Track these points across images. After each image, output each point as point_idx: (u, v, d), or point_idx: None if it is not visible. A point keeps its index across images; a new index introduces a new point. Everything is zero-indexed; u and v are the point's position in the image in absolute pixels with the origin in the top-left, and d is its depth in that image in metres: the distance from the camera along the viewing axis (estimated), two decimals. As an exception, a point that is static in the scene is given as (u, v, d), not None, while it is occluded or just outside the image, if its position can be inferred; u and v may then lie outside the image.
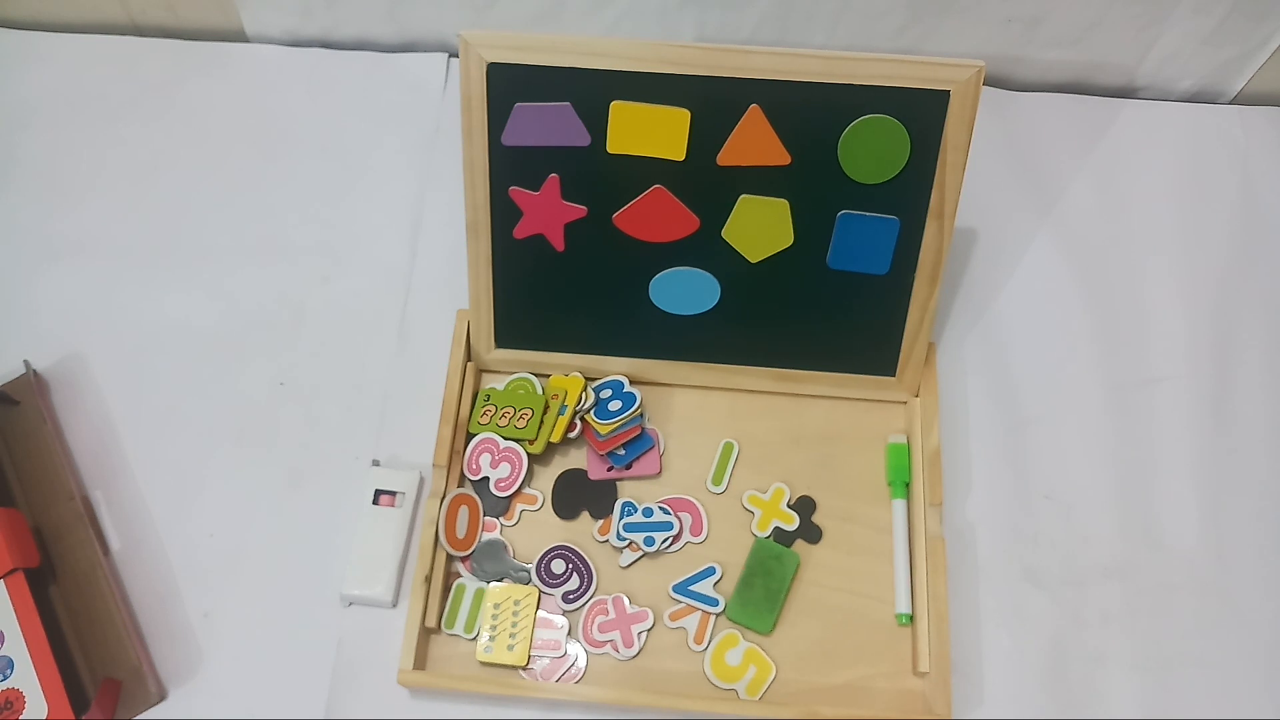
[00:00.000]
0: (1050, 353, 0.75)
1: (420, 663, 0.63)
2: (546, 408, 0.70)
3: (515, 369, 0.72)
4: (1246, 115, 0.85)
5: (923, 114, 0.60)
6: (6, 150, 0.82)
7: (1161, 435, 0.72)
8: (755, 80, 0.60)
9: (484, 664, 0.64)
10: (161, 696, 0.63)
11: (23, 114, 0.83)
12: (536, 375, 0.72)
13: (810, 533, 0.68)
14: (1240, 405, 0.73)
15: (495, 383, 0.72)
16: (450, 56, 0.87)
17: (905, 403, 0.72)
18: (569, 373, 0.71)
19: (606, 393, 0.70)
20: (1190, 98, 0.87)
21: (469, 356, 0.72)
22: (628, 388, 0.70)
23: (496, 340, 0.71)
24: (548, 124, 0.62)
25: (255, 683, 0.64)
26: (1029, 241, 0.79)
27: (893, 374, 0.70)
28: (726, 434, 0.71)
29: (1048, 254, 0.79)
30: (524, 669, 0.64)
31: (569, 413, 0.69)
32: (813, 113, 0.60)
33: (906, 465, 0.69)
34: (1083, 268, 0.78)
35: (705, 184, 0.63)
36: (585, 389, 0.70)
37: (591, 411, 0.69)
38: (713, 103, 0.61)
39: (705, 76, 0.60)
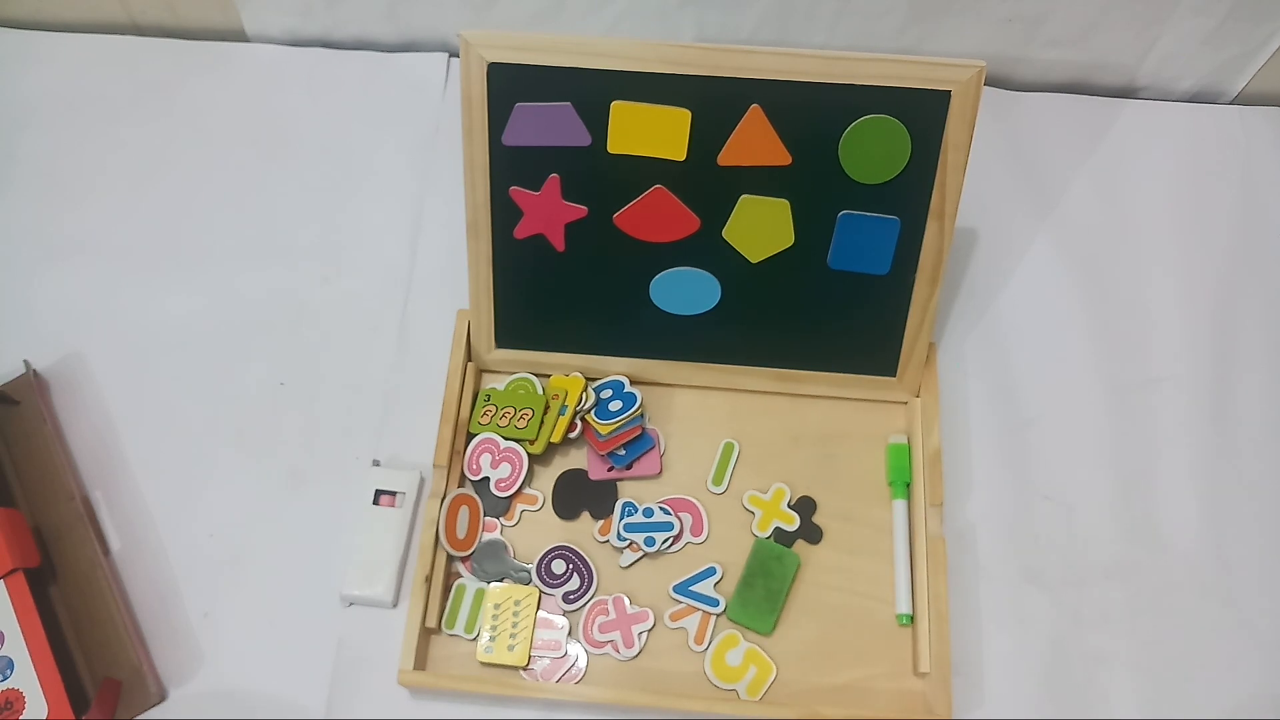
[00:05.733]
0: (1050, 353, 0.75)
1: (420, 663, 0.63)
2: (547, 408, 0.70)
3: (515, 369, 0.72)
4: (1246, 115, 0.85)
5: (924, 114, 0.60)
6: (6, 150, 0.82)
7: (1161, 435, 0.72)
8: (756, 80, 0.59)
9: (484, 664, 0.64)
10: (161, 696, 0.63)
11: (23, 114, 0.83)
12: (536, 375, 0.72)
13: (811, 533, 0.68)
14: (1240, 405, 0.73)
15: (495, 383, 0.72)
16: (450, 56, 0.87)
17: (906, 403, 0.72)
18: (569, 373, 0.71)
19: (607, 393, 0.70)
20: (1190, 98, 0.87)
21: (469, 356, 0.72)
22: (628, 388, 0.70)
23: (496, 340, 0.71)
24: (548, 124, 0.62)
25: (255, 683, 0.64)
26: (1029, 241, 0.79)
27: (893, 374, 0.70)
28: (726, 434, 0.71)
29: (1048, 254, 0.79)
30: (524, 669, 0.64)
31: (569, 413, 0.69)
32: (813, 113, 0.60)
33: (907, 465, 0.69)
34: (1083, 268, 0.78)
35: (706, 184, 0.63)
36: (585, 389, 0.70)
37: (592, 412, 0.69)
38: (713, 103, 0.60)
39: (706, 76, 0.59)
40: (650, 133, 0.62)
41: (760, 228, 0.65)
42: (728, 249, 0.66)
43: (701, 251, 0.66)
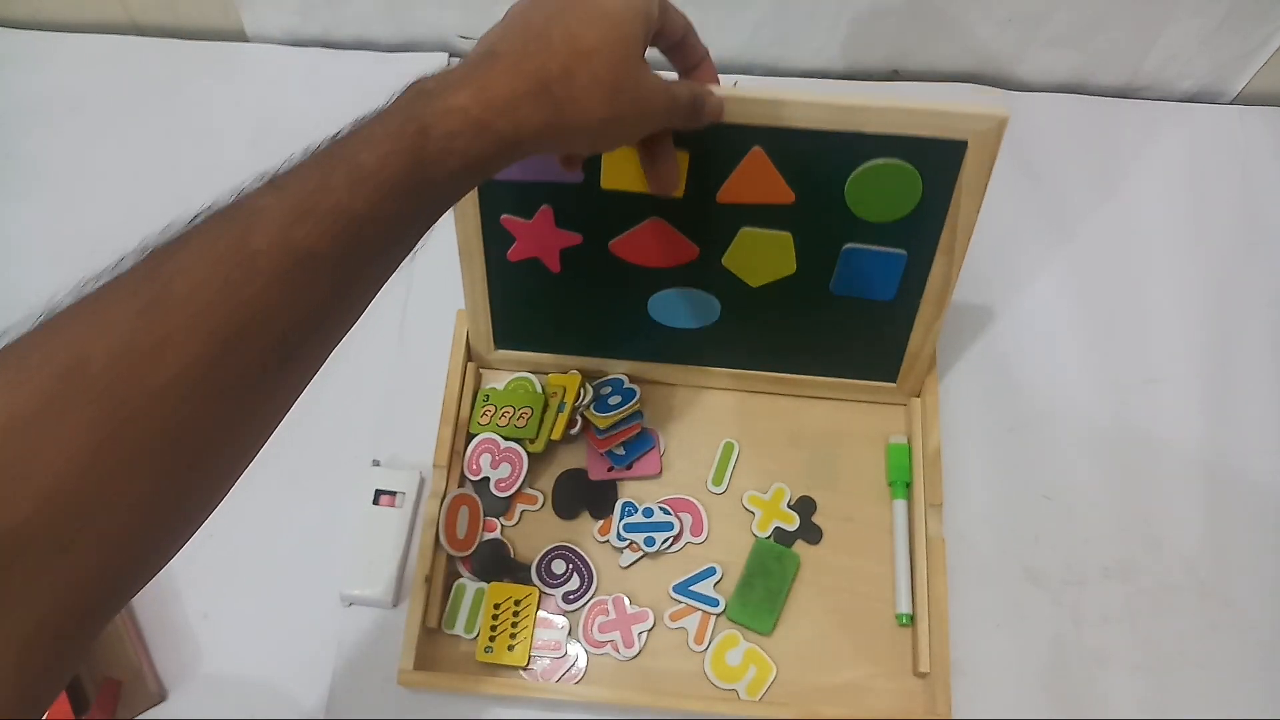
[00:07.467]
0: (1050, 353, 0.75)
1: (420, 663, 0.63)
2: (546, 406, 0.70)
3: (515, 368, 0.72)
4: (1246, 115, 0.85)
5: (937, 161, 0.56)
6: (6, 150, 0.82)
7: (1161, 435, 0.72)
8: (759, 128, 0.55)
9: (484, 664, 0.64)
10: (161, 696, 0.63)
11: (23, 114, 0.83)
12: (536, 375, 0.72)
13: (810, 533, 0.68)
14: (1240, 405, 0.73)
15: (495, 382, 0.72)
16: (450, 56, 0.86)
17: (905, 403, 0.72)
18: (568, 370, 0.71)
19: (606, 389, 0.70)
20: (1190, 98, 0.87)
21: (469, 356, 0.72)
22: (627, 384, 0.70)
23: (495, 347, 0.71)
24: (538, 162, 0.57)
25: (255, 683, 0.64)
26: (1029, 241, 0.79)
27: (893, 382, 0.70)
28: (726, 434, 0.71)
29: (1047, 254, 0.79)
30: (524, 669, 0.64)
31: (568, 409, 0.69)
32: (820, 157, 0.56)
33: (907, 465, 0.69)
34: (1082, 267, 0.78)
35: (704, 218, 0.60)
36: (583, 384, 0.70)
37: (591, 407, 0.69)
38: (713, 146, 0.56)
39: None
40: (641, 177, 0.57)
41: (761, 257, 0.62)
42: (727, 274, 0.64)
43: (700, 276, 0.64)
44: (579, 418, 0.69)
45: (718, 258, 0.63)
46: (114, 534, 0.34)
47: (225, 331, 0.35)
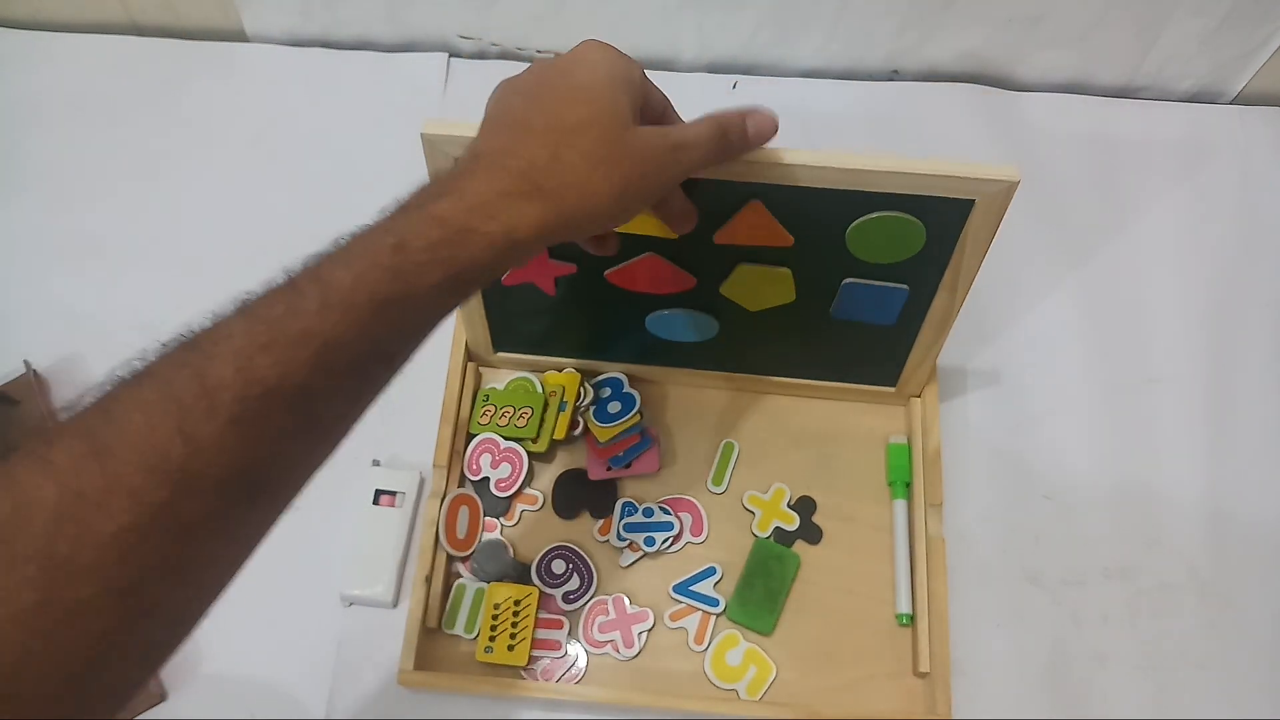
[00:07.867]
0: (1050, 352, 0.75)
1: (420, 663, 0.63)
2: (546, 405, 0.70)
3: (515, 368, 0.72)
4: (1246, 115, 0.85)
5: (943, 215, 0.54)
6: (7, 150, 0.82)
7: (1161, 435, 0.72)
8: (758, 184, 0.53)
9: (484, 664, 0.64)
10: (162, 697, 0.63)
11: (23, 114, 0.83)
12: (536, 375, 0.72)
13: (810, 533, 0.68)
14: (1240, 405, 0.73)
15: (495, 382, 0.72)
16: (450, 56, 0.86)
17: (905, 403, 0.72)
18: (564, 369, 0.71)
19: (605, 391, 0.70)
20: (1190, 98, 0.87)
21: (469, 356, 0.72)
22: (627, 387, 0.70)
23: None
24: None
25: (255, 683, 0.64)
26: (1028, 241, 0.79)
27: (893, 388, 0.70)
28: (726, 434, 0.71)
29: (1047, 254, 0.79)
30: (524, 669, 0.64)
31: (569, 409, 0.69)
32: (820, 209, 0.54)
33: (907, 465, 0.69)
34: (1082, 268, 0.78)
35: (701, 255, 0.60)
36: (582, 384, 0.70)
37: (591, 410, 0.69)
38: (710, 197, 0.54)
39: (703, 180, 0.52)
40: (637, 220, 0.55)
41: (759, 288, 0.62)
42: (725, 300, 0.63)
43: (698, 301, 0.64)
44: (580, 419, 0.69)
45: (715, 286, 0.62)
46: (58, 688, 0.32)
47: (180, 475, 0.33)
